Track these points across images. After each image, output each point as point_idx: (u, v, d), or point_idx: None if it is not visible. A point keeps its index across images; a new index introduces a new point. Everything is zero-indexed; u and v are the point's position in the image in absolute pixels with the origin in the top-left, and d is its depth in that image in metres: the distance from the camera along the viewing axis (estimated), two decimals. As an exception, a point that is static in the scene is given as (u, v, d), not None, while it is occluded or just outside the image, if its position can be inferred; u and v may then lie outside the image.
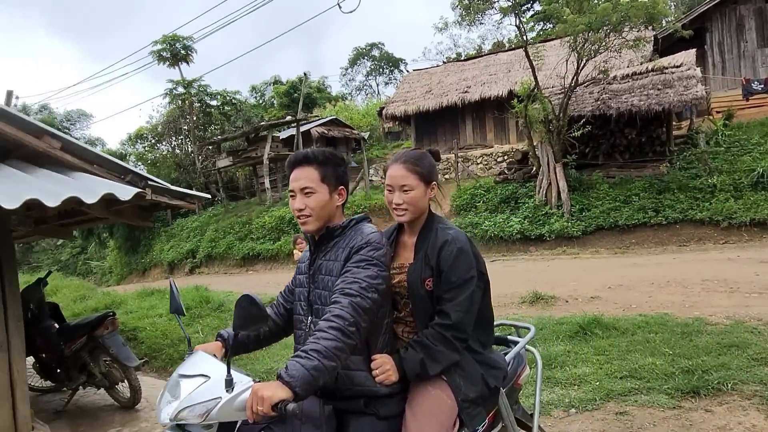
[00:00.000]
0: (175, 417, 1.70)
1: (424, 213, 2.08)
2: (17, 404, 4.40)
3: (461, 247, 1.95)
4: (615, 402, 3.87)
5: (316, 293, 1.98)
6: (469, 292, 1.93)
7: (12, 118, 3.89)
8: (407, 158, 2.07)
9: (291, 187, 2.00)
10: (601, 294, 6.84)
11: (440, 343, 1.90)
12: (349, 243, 1.93)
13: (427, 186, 2.06)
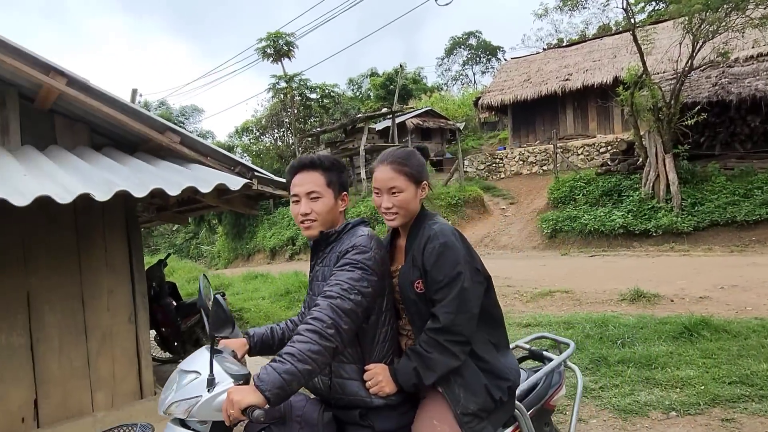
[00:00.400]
0: (166, 410, 1.74)
1: (415, 214, 1.95)
2: (142, 371, 4.94)
3: (445, 242, 1.80)
4: (721, 408, 3.65)
5: (312, 300, 1.94)
6: (457, 291, 1.75)
7: (140, 116, 4.34)
8: (394, 158, 1.94)
9: (295, 191, 1.95)
10: (711, 294, 6.37)
11: (434, 350, 1.75)
12: (340, 247, 1.87)
13: (417, 186, 1.93)
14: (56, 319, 4.54)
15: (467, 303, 1.76)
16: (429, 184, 1.98)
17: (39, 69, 3.92)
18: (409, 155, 1.97)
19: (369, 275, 1.76)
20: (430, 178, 2.01)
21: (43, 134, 4.59)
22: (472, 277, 1.79)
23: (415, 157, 1.98)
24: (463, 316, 1.74)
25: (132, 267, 4.97)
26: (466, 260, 1.80)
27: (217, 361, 1.70)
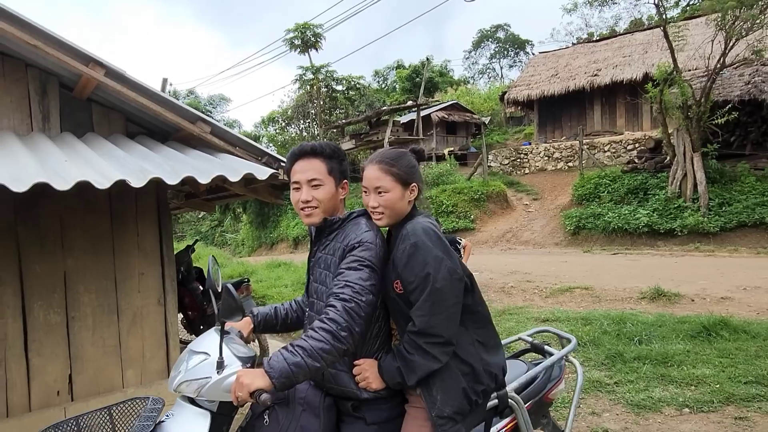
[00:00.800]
0: (177, 388, 1.82)
1: (403, 215, 1.92)
2: (170, 351, 5.14)
3: (414, 242, 1.77)
4: (735, 406, 3.68)
5: (313, 286, 1.98)
6: (428, 292, 1.71)
7: (173, 106, 4.50)
8: (382, 158, 1.92)
9: (296, 178, 1.95)
10: (733, 295, 6.33)
11: (414, 352, 1.74)
12: (345, 238, 1.89)
13: (405, 188, 1.89)
14: (90, 299, 4.76)
15: (441, 303, 1.72)
16: (419, 187, 1.94)
17: (79, 60, 4.10)
18: (399, 156, 1.94)
19: (376, 273, 1.80)
20: (422, 181, 1.98)
21: (81, 122, 4.79)
22: (445, 276, 1.73)
23: (405, 158, 1.94)
24: (438, 317, 1.71)
25: (162, 251, 5.16)
26: (437, 259, 1.74)
27: (226, 343, 1.79)
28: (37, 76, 4.57)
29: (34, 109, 4.58)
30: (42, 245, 4.54)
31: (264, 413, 1.86)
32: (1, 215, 4.39)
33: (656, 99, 12.46)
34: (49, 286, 4.57)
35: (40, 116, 4.59)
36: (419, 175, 1.96)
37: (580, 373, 2.31)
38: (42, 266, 4.54)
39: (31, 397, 4.47)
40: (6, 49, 4.40)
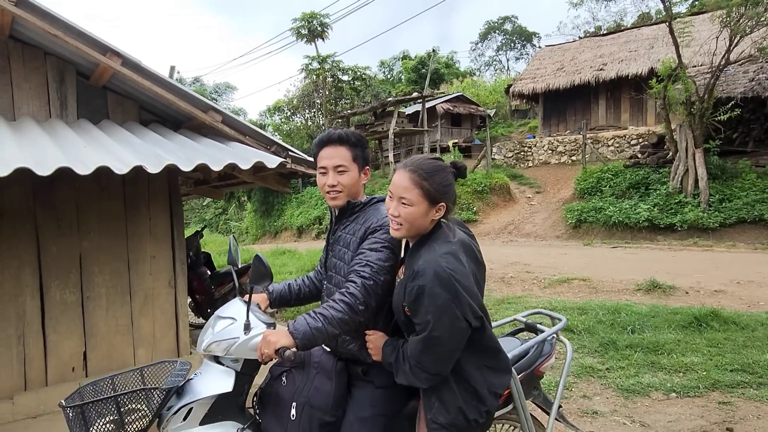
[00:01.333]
0: (206, 348, 2.00)
1: (424, 232, 1.87)
2: (180, 332, 5.34)
3: (422, 286, 1.72)
4: (720, 392, 3.85)
5: (332, 261, 2.13)
6: (425, 336, 1.73)
7: (186, 95, 4.66)
8: (417, 167, 1.82)
9: (323, 164, 2.08)
10: (727, 288, 6.49)
11: (406, 362, 1.81)
12: (366, 221, 2.02)
13: (432, 205, 1.81)
14: (104, 280, 4.96)
15: (436, 348, 1.73)
16: (449, 207, 1.85)
17: (97, 49, 4.26)
18: (435, 170, 1.83)
19: (393, 254, 1.95)
20: (454, 201, 1.89)
21: (96, 109, 4.96)
22: (445, 326, 1.72)
23: (442, 174, 1.83)
24: (429, 357, 1.74)
25: (173, 235, 5.35)
26: (440, 308, 1.71)
27: (251, 310, 1.99)
28: (55, 64, 4.74)
29: (53, 96, 4.75)
30: (59, 227, 4.74)
31: (282, 375, 2.06)
32: (20, 198, 4.58)
33: (660, 95, 12.54)
34: (65, 266, 4.77)
35: (58, 103, 4.77)
36: (453, 194, 1.86)
37: (569, 350, 2.46)
38: (58, 247, 4.74)
39: (47, 372, 4.68)
40: (26, 38, 4.57)
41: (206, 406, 1.95)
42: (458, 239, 1.84)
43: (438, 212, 1.83)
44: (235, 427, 1.98)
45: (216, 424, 1.96)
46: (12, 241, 4.54)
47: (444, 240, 1.81)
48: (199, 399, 1.94)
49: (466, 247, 1.86)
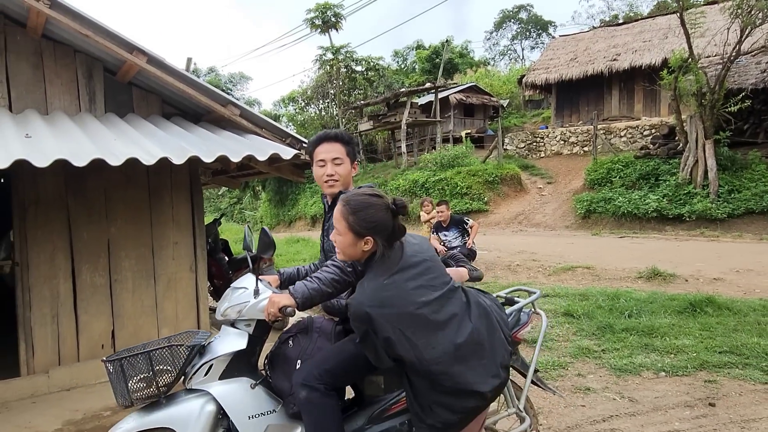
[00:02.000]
0: (223, 313, 2.33)
1: (356, 258, 2.10)
2: (200, 314, 5.67)
3: (350, 315, 1.99)
4: (707, 371, 4.08)
5: (329, 244, 2.39)
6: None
7: (206, 90, 4.95)
8: (347, 201, 2.04)
9: (321, 157, 2.44)
10: (726, 276, 6.66)
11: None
12: None
13: (358, 238, 2.02)
14: (130, 264, 5.29)
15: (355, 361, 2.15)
16: (377, 242, 2.01)
17: (124, 48, 4.56)
18: (363, 207, 2.03)
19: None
20: (388, 234, 2.02)
21: (122, 103, 5.28)
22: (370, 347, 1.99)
23: (368, 210, 2.02)
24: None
25: (193, 223, 5.67)
26: (364, 336, 1.97)
27: (260, 280, 2.32)
28: (84, 61, 5.05)
29: (82, 91, 5.08)
30: (89, 215, 5.08)
31: (288, 340, 2.39)
32: (54, 188, 4.92)
33: (671, 86, 12.59)
34: (95, 251, 5.11)
35: (87, 98, 5.09)
36: (382, 229, 2.00)
37: (544, 320, 2.72)
38: (89, 234, 5.08)
39: (79, 349, 5.04)
40: (57, 37, 4.89)
41: (224, 363, 2.27)
42: (395, 271, 1.97)
43: (366, 245, 2.01)
44: (249, 382, 2.30)
45: (232, 379, 2.28)
46: (47, 227, 4.89)
47: (374, 276, 1.98)
48: (218, 356, 2.27)
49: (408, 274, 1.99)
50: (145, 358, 2.23)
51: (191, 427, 2.20)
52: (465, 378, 1.96)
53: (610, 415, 3.56)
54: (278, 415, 2.30)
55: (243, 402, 2.27)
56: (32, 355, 4.83)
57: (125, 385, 2.23)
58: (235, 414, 2.24)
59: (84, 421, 4.12)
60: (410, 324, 1.93)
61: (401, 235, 2.06)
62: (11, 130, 4.06)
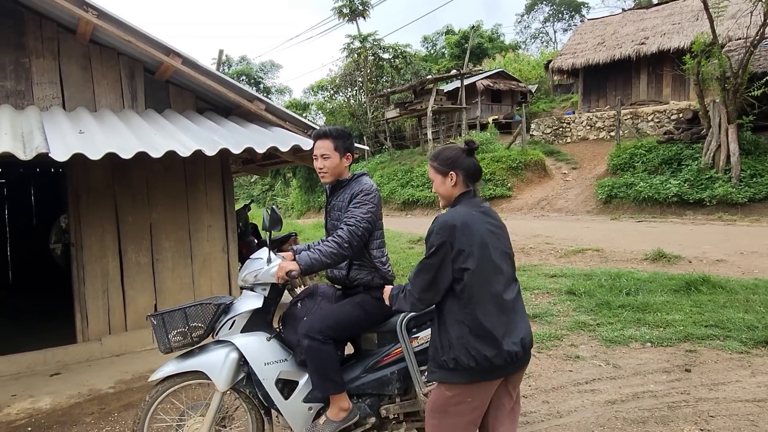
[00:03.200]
0: (243, 279, 2.80)
1: (452, 197, 2.38)
2: (232, 291, 6.24)
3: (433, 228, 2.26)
4: (690, 343, 4.43)
5: (331, 224, 2.88)
6: (422, 259, 2.26)
7: (235, 87, 5.46)
8: (433, 157, 2.42)
9: (315, 153, 2.83)
10: (729, 258, 6.89)
11: (402, 293, 2.35)
12: (351, 190, 2.78)
13: (445, 176, 2.35)
14: (170, 245, 5.89)
15: (424, 272, 2.25)
16: (457, 174, 2.31)
17: (162, 51, 5.10)
18: (441, 152, 2.40)
19: (372, 208, 2.73)
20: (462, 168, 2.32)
21: (160, 100, 5.84)
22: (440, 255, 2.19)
23: (445, 152, 2.39)
24: (418, 279, 2.26)
25: (225, 208, 6.24)
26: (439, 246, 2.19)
27: (273, 253, 2.82)
28: (126, 62, 5.63)
29: (125, 90, 5.65)
30: (133, 201, 5.68)
31: (297, 303, 2.89)
32: (102, 177, 5.53)
33: (693, 70, 12.60)
34: (139, 234, 5.72)
35: (130, 96, 5.67)
36: (461, 164, 2.32)
37: None
38: (133, 218, 5.69)
39: (126, 320, 5.67)
40: (103, 41, 5.46)
41: (244, 319, 2.78)
42: (481, 211, 2.29)
43: (452, 180, 2.31)
44: (265, 336, 2.79)
45: (251, 333, 2.78)
46: (96, 212, 5.51)
47: (464, 206, 2.29)
48: (239, 313, 2.78)
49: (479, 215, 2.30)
50: (182, 314, 2.77)
51: (219, 371, 2.71)
52: (496, 326, 2.14)
53: (594, 378, 3.96)
54: (289, 363, 2.79)
55: (260, 351, 2.74)
56: (87, 325, 5.48)
57: (166, 336, 2.77)
58: (253, 360, 2.72)
59: (132, 381, 4.73)
60: (481, 250, 2.18)
61: (479, 173, 2.38)
62: (67, 126, 4.63)
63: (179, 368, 2.74)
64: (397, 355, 2.82)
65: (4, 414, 4.11)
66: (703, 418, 3.28)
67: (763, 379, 3.73)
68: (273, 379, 2.74)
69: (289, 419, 2.77)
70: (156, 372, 2.77)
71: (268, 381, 2.73)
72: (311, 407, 2.78)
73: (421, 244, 9.82)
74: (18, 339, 5.44)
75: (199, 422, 2.80)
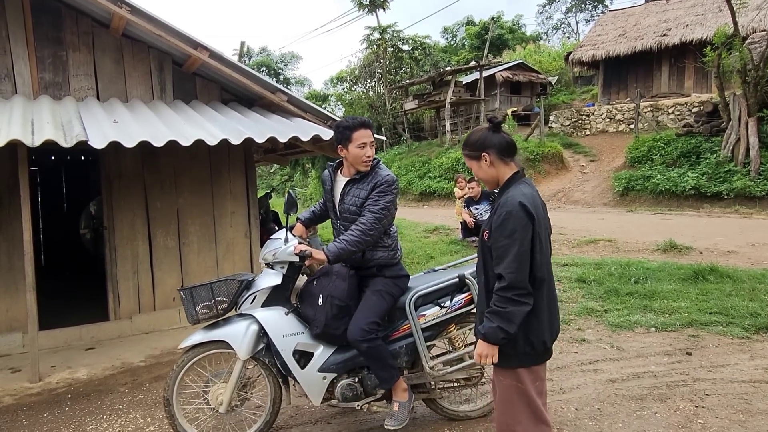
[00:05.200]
0: (263, 257, 3.04)
1: (494, 179, 2.29)
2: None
3: (509, 211, 2.08)
4: (693, 328, 4.59)
5: (345, 207, 3.03)
6: (514, 254, 2.03)
7: (258, 79, 5.71)
8: (463, 146, 2.38)
9: (363, 141, 2.92)
10: (740, 250, 6.97)
11: (508, 304, 2.05)
12: (372, 180, 2.96)
13: (478, 160, 2.28)
14: (195, 230, 6.19)
15: (523, 263, 2.04)
16: (490, 153, 2.23)
17: (190, 45, 5.36)
18: (468, 138, 2.35)
19: (393, 199, 2.96)
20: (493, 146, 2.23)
21: (187, 91, 6.11)
22: (528, 238, 2.06)
23: (471, 136, 2.33)
24: (522, 273, 2.04)
25: (248, 195, 6.51)
26: (521, 229, 2.05)
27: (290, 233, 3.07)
28: (156, 55, 5.90)
29: (155, 81, 5.94)
30: (162, 187, 5.99)
31: (314, 281, 3.11)
32: (133, 164, 5.84)
33: (714, 63, 12.54)
34: (167, 218, 6.03)
35: (159, 87, 5.95)
36: (488, 142, 2.25)
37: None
38: (161, 203, 6.00)
39: (155, 300, 5.99)
40: (134, 35, 5.74)
41: (264, 294, 3.02)
42: (534, 192, 2.23)
43: (486, 161, 2.24)
44: (283, 310, 3.02)
45: (271, 307, 3.02)
46: (127, 197, 5.82)
47: (520, 187, 2.20)
48: (260, 289, 3.02)
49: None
50: (208, 289, 3.03)
51: (240, 341, 2.96)
52: (554, 309, 2.22)
53: (597, 359, 4.15)
54: (305, 335, 3.02)
55: (279, 324, 2.99)
56: (118, 304, 5.82)
57: (194, 308, 3.04)
58: (272, 332, 2.97)
59: (161, 356, 5.04)
60: (546, 232, 2.19)
61: (513, 146, 2.29)
62: (102, 116, 4.93)
63: (206, 337, 3.01)
64: (405, 331, 3.07)
65: (45, 383, 4.45)
66: (698, 396, 3.45)
67: (761, 362, 3.89)
68: (290, 350, 2.98)
69: (304, 386, 3.02)
70: (185, 340, 3.06)
71: (285, 351, 2.97)
72: (325, 376, 3.02)
73: (437, 234, 10.03)
74: (54, 316, 5.79)
75: (222, 388, 3.08)
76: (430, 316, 3.08)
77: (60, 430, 3.58)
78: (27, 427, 3.65)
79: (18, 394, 4.23)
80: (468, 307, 3.12)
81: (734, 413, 3.20)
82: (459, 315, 3.15)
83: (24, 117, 4.48)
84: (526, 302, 2.06)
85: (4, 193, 5.32)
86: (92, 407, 3.93)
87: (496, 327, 2.05)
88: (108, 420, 3.70)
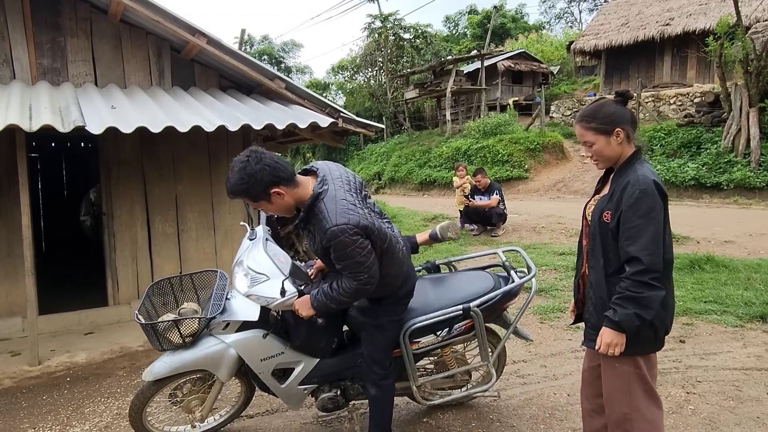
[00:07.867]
0: (247, 295, 2.61)
1: (617, 158, 2.14)
2: (252, 260, 6.56)
3: (643, 189, 1.97)
4: (688, 317, 4.62)
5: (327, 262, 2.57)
6: (651, 234, 1.93)
7: (256, 66, 5.70)
8: (581, 117, 2.17)
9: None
10: (737, 240, 6.99)
11: (645, 289, 1.93)
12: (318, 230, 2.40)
13: (608, 135, 2.09)
14: (194, 217, 6.21)
15: (660, 244, 1.95)
16: (625, 129, 2.09)
17: (188, 31, 5.35)
18: (595, 110, 2.14)
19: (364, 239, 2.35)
20: (628, 122, 2.12)
21: (186, 78, 6.10)
22: (660, 215, 1.97)
23: (603, 109, 2.12)
24: (658, 255, 1.95)
25: (246, 182, 6.51)
26: (660, 207, 1.97)
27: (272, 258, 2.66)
28: (154, 42, 5.89)
29: (153, 68, 5.93)
30: (160, 174, 6.00)
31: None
32: (132, 151, 5.85)
33: (716, 53, 12.47)
34: (165, 205, 6.05)
35: (157, 73, 5.94)
36: (623, 117, 2.12)
37: (533, 291, 3.05)
38: (160, 190, 6.01)
39: (154, 286, 6.01)
40: (132, 21, 5.73)
41: (238, 324, 2.77)
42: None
43: (618, 137, 2.10)
44: (261, 333, 2.75)
45: (247, 332, 2.76)
46: (126, 184, 5.84)
47: (645, 165, 2.12)
48: (233, 320, 2.75)
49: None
50: (172, 324, 2.72)
51: (221, 368, 2.76)
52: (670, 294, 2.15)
53: (591, 346, 4.18)
54: (285, 354, 2.80)
55: (256, 349, 2.75)
56: (117, 290, 5.85)
57: (157, 339, 2.77)
58: (249, 359, 2.75)
59: (160, 341, 5.07)
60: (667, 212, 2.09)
61: (636, 122, 2.21)
62: (99, 102, 4.93)
63: (182, 367, 2.73)
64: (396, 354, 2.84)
65: (45, 366, 4.50)
66: (690, 383, 3.49)
67: (753, 350, 3.92)
68: (269, 371, 2.80)
69: (284, 400, 2.91)
70: (150, 370, 2.73)
71: (264, 374, 2.80)
72: (306, 388, 2.89)
73: (436, 222, 10.04)
74: (54, 301, 5.83)
75: (197, 401, 2.93)
76: (425, 342, 2.92)
77: (59, 412, 3.62)
78: (26, 409, 3.70)
79: (18, 377, 4.28)
80: (467, 335, 2.97)
81: (725, 399, 3.24)
82: (455, 340, 2.99)
83: (22, 102, 4.49)
84: (661, 286, 1.97)
85: (3, 178, 5.34)
86: (90, 390, 3.98)
87: (633, 314, 1.95)
88: (106, 402, 3.75)
